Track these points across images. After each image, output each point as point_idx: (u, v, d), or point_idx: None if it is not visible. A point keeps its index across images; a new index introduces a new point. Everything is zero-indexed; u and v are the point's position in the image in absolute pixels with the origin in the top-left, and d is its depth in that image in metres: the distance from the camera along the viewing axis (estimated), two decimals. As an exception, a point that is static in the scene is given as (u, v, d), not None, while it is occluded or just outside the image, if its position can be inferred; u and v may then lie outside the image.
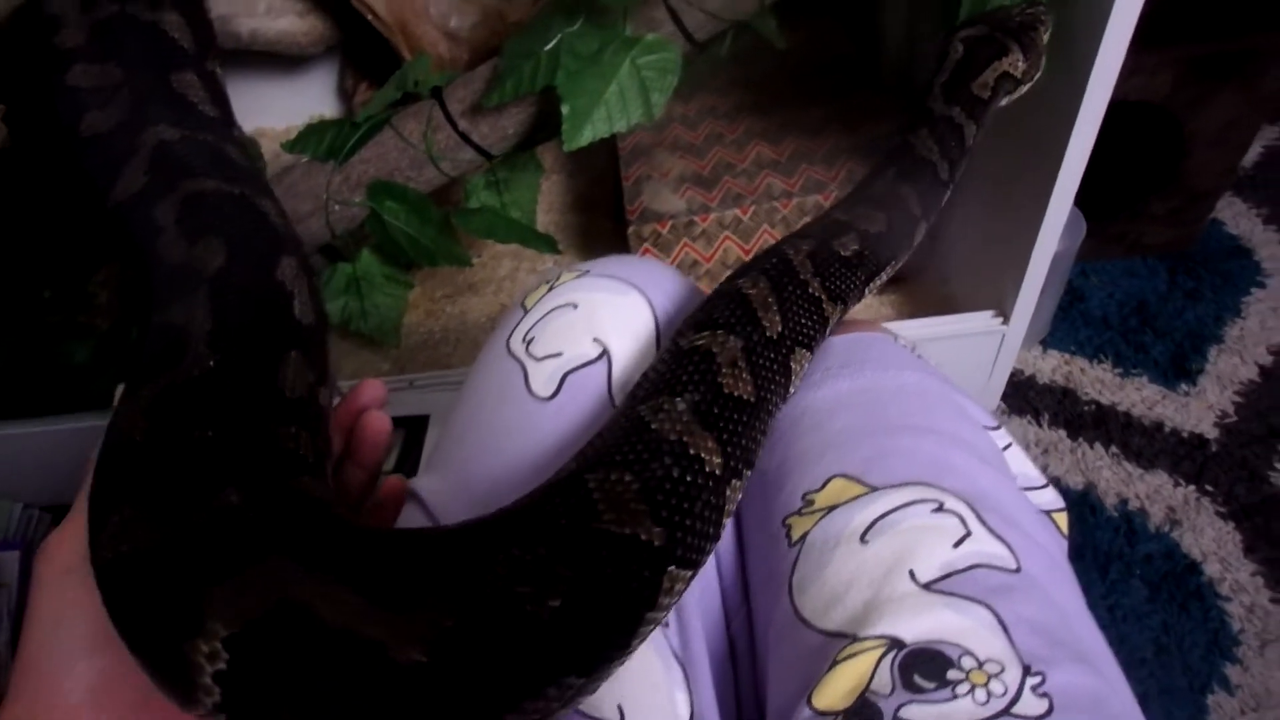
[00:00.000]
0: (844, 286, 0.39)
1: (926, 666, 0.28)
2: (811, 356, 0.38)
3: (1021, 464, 0.40)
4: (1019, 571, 0.31)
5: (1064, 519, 0.40)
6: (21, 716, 0.26)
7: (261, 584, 0.24)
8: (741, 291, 0.36)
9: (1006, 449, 0.39)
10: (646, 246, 0.84)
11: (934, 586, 0.30)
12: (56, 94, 0.47)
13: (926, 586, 0.30)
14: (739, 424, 0.32)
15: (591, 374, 0.39)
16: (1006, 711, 0.27)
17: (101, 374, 0.84)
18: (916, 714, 0.27)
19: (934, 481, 0.33)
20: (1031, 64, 0.52)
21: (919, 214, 0.43)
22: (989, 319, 0.80)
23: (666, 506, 0.28)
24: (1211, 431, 0.93)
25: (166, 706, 0.25)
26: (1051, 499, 0.40)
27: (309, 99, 1.13)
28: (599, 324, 0.40)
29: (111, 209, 0.43)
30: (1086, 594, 0.87)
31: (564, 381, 0.39)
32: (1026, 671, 0.28)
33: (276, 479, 0.30)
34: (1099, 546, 0.86)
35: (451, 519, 0.31)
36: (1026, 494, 0.39)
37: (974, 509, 0.33)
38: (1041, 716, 0.27)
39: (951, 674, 0.28)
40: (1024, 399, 0.97)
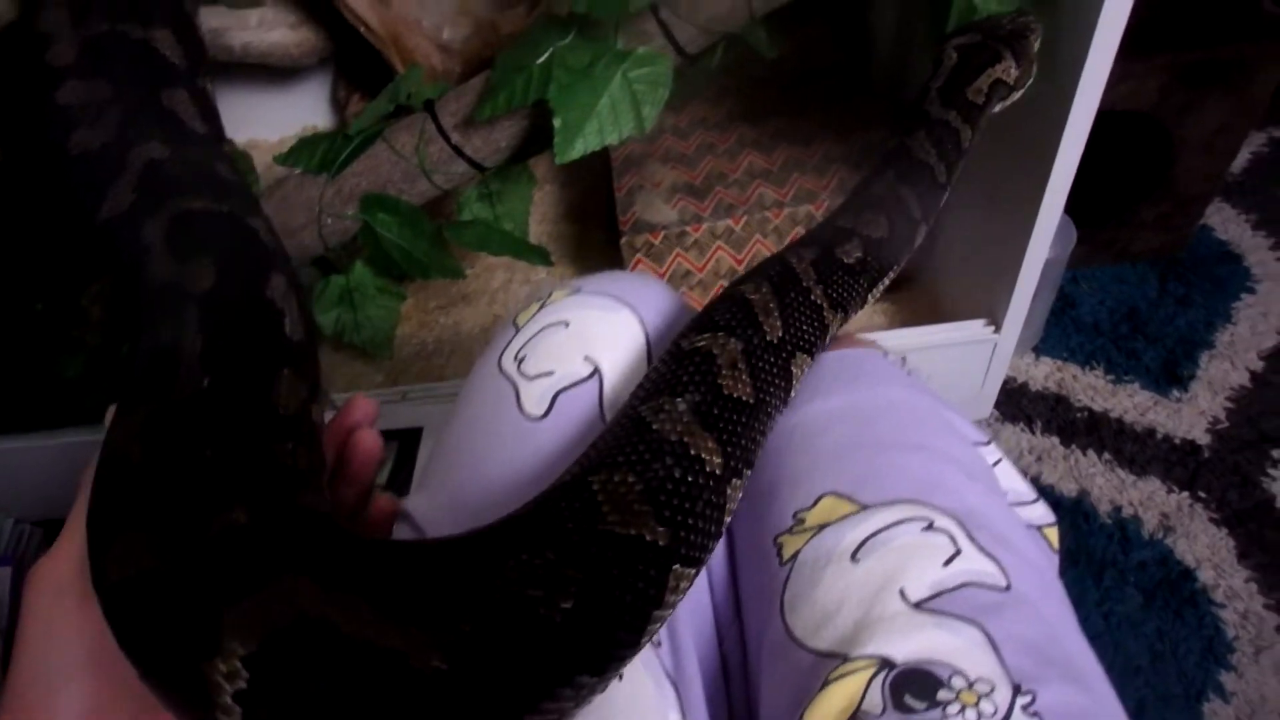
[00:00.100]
0: (846, 294, 0.39)
1: (917, 686, 0.28)
2: (812, 361, 0.39)
3: (1011, 479, 0.40)
4: (1009, 589, 0.31)
5: (1054, 534, 0.40)
6: None
7: (277, 601, 0.24)
8: (744, 296, 0.36)
9: (996, 464, 0.40)
10: (639, 257, 0.84)
11: (924, 606, 0.30)
12: (46, 111, 0.47)
13: (917, 606, 0.30)
14: (738, 425, 0.32)
15: (583, 393, 0.40)
16: None
17: (93, 388, 0.83)
18: None
19: (924, 499, 0.33)
20: (1023, 71, 0.53)
21: (919, 217, 0.44)
22: (981, 327, 0.80)
23: (669, 506, 0.29)
24: (1204, 438, 0.93)
25: None
26: (1042, 514, 0.40)
27: (302, 110, 1.13)
28: (590, 342, 0.40)
29: (99, 227, 0.43)
30: (1081, 601, 0.88)
31: (555, 401, 0.39)
32: (1016, 691, 0.28)
33: (281, 496, 0.30)
34: (1093, 554, 0.86)
35: None
36: (1017, 509, 0.39)
37: (964, 526, 0.33)
38: None
39: (942, 694, 0.28)
40: (1017, 406, 0.97)
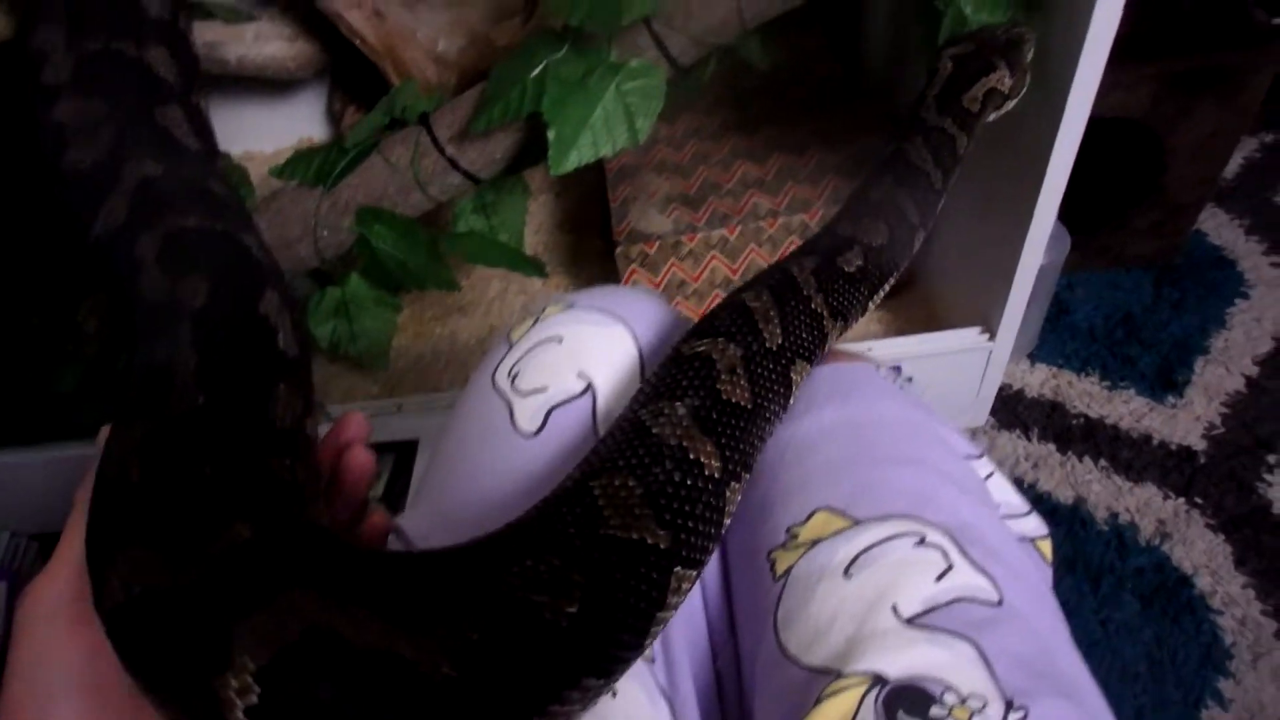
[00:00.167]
0: (847, 303, 0.40)
1: (910, 703, 0.28)
2: (811, 369, 0.39)
3: (1004, 492, 0.40)
4: (1001, 604, 0.31)
5: (1048, 546, 0.40)
6: None
7: (285, 615, 0.25)
8: (745, 303, 0.37)
9: (989, 478, 0.40)
10: (634, 267, 0.85)
11: (916, 621, 0.30)
12: (41, 129, 0.48)
13: (909, 621, 0.30)
14: (736, 429, 0.33)
15: (576, 409, 0.40)
16: None
17: (89, 402, 0.83)
18: None
19: (916, 514, 0.34)
20: (1017, 81, 0.54)
21: (916, 223, 0.44)
22: (976, 335, 0.80)
23: (670, 510, 0.29)
24: (1199, 443, 0.93)
25: None
26: (1035, 526, 0.40)
27: (298, 122, 1.14)
28: (583, 358, 0.41)
29: (93, 244, 0.43)
30: (1078, 608, 0.88)
31: (549, 417, 0.39)
32: (1009, 706, 0.28)
33: (282, 511, 0.31)
34: (1090, 560, 0.86)
35: None
36: (1010, 522, 0.39)
37: (956, 541, 0.33)
38: None
39: (934, 710, 0.28)
40: (1013, 413, 0.97)
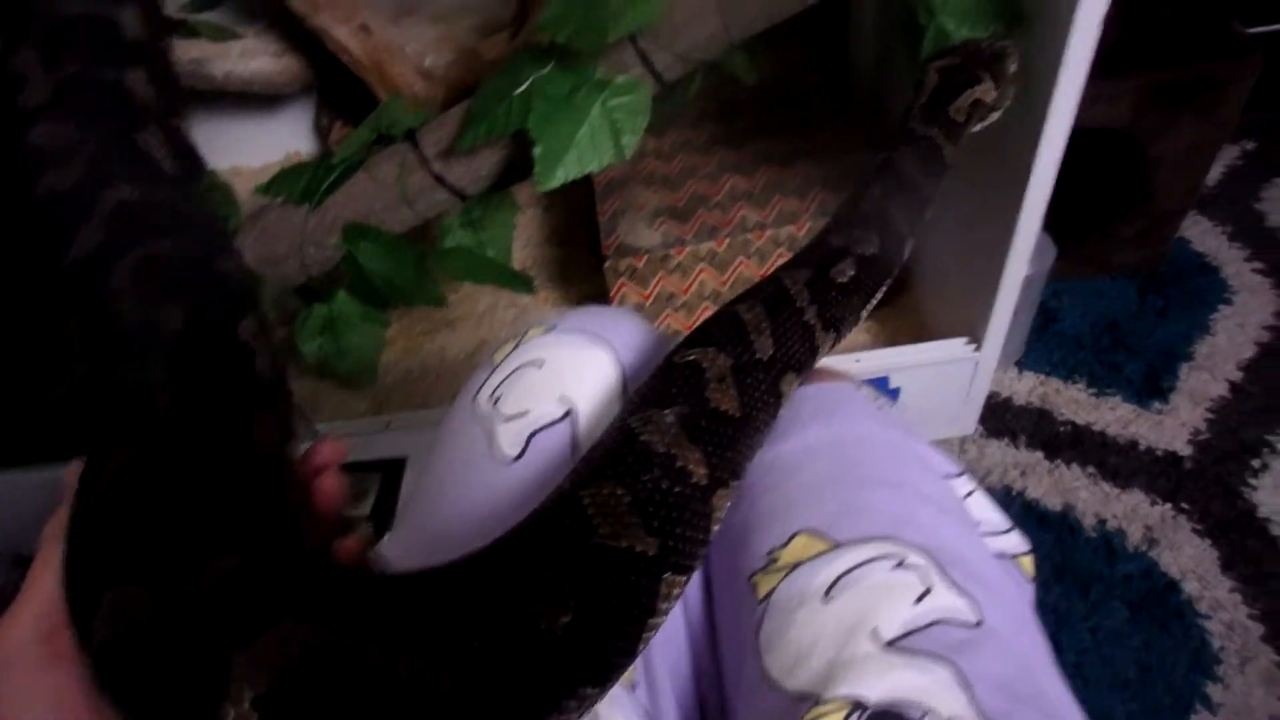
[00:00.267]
0: (840, 314, 0.40)
1: None
2: (800, 381, 0.39)
3: (985, 510, 0.40)
4: (980, 625, 0.31)
5: (1030, 562, 0.40)
6: None
7: (282, 641, 0.25)
8: (737, 315, 0.37)
9: (969, 496, 0.40)
10: (623, 281, 0.85)
11: (896, 645, 0.30)
12: (17, 152, 0.47)
13: (888, 645, 0.30)
14: (724, 437, 0.33)
15: (556, 433, 0.40)
16: None
17: (77, 420, 0.83)
18: None
19: (896, 535, 0.34)
20: (1002, 92, 0.54)
21: (906, 231, 0.45)
22: (962, 346, 0.81)
23: (658, 517, 0.29)
24: (1185, 449, 0.94)
25: None
26: (1016, 543, 0.40)
27: (285, 137, 1.13)
28: (564, 381, 0.41)
29: (66, 270, 0.42)
30: (1068, 616, 0.88)
31: (530, 442, 0.39)
32: None
33: (268, 537, 0.31)
34: (1079, 568, 0.87)
35: None
36: (991, 539, 0.39)
37: (935, 563, 0.33)
38: None
39: None
40: (1001, 421, 0.98)
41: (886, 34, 0.93)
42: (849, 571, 0.33)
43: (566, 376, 0.41)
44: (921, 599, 0.32)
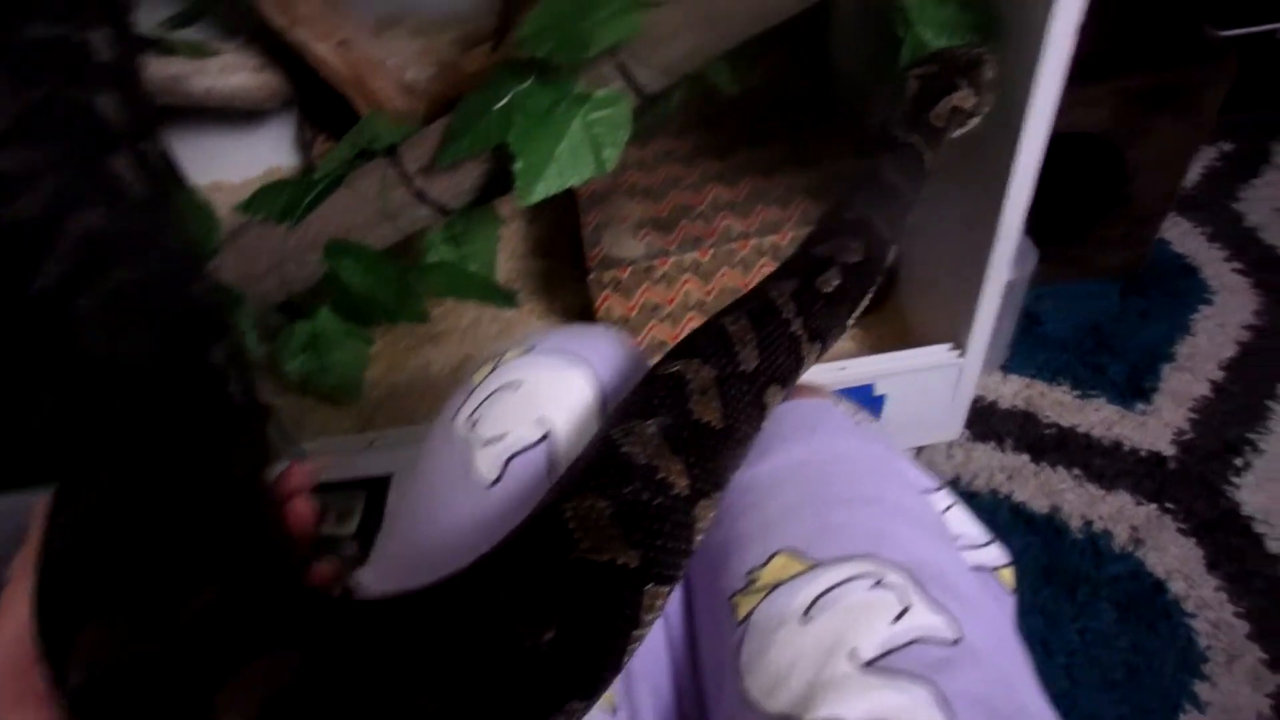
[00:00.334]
0: (826, 324, 0.40)
1: None
2: (784, 393, 0.39)
3: (964, 524, 0.40)
4: (959, 643, 0.31)
5: (1010, 574, 0.40)
6: None
7: (268, 671, 0.25)
8: (723, 327, 0.37)
9: (949, 510, 0.40)
10: (607, 293, 0.85)
11: (875, 665, 0.30)
12: None
13: (867, 665, 0.30)
14: (706, 448, 0.33)
15: (534, 456, 0.40)
16: None
17: (47, 451, 0.82)
18: None
19: (874, 554, 0.34)
20: (981, 99, 0.55)
21: (889, 237, 0.45)
22: (946, 352, 0.81)
23: (639, 529, 0.29)
24: (1169, 449, 0.95)
25: None
26: (996, 555, 0.41)
27: (267, 151, 1.13)
28: (542, 403, 0.41)
29: (33, 298, 0.42)
30: (1057, 619, 0.88)
31: (508, 466, 0.39)
32: None
33: (248, 566, 0.30)
34: (1066, 569, 0.87)
35: None
36: (971, 552, 0.40)
37: (913, 580, 0.33)
38: None
39: None
40: (987, 425, 0.98)
41: (868, 43, 0.93)
42: (827, 591, 0.33)
43: (544, 398, 0.41)
44: (900, 618, 0.32)
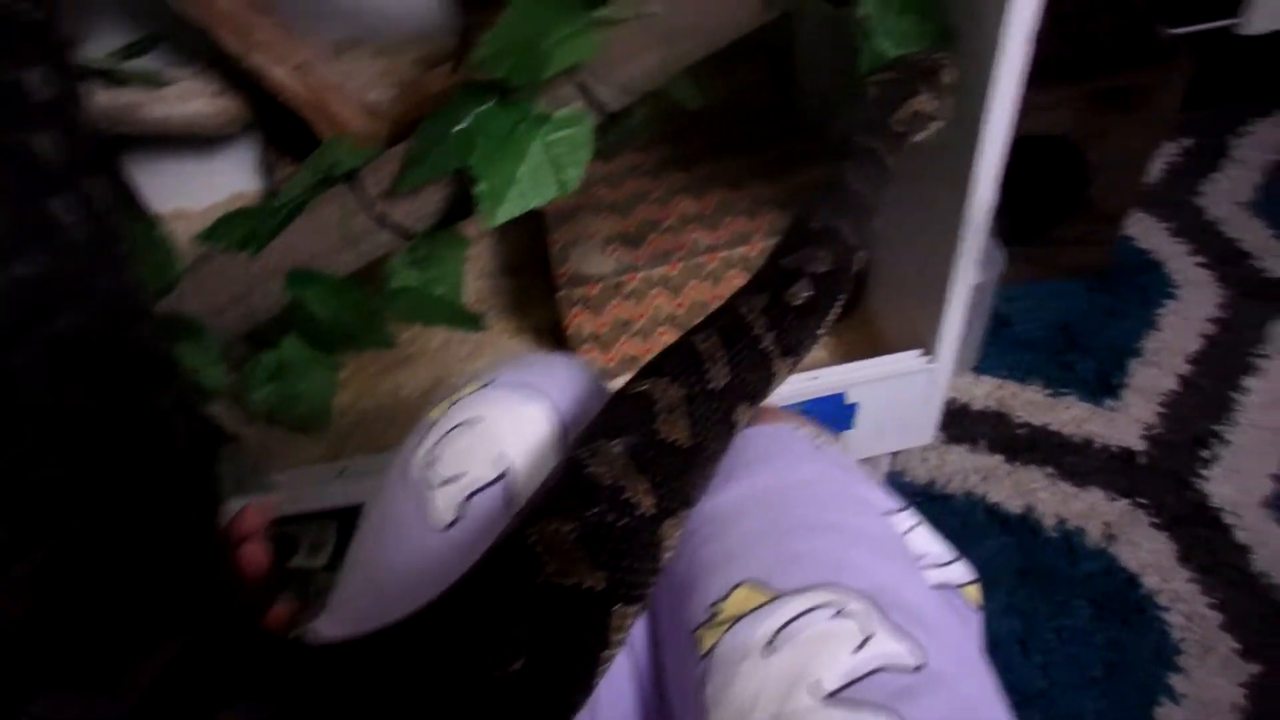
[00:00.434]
0: (798, 338, 0.40)
1: None
2: (754, 410, 0.39)
3: (928, 543, 0.41)
4: (922, 670, 0.31)
5: (976, 591, 0.40)
6: None
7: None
8: (693, 345, 0.37)
9: (912, 530, 0.40)
10: (578, 310, 0.85)
11: (838, 696, 0.30)
12: None
13: (829, 697, 0.30)
14: (673, 467, 0.33)
15: (491, 495, 0.39)
16: None
17: None
18: None
19: (835, 582, 0.34)
20: (941, 103, 0.56)
21: (855, 244, 0.45)
22: (916, 358, 0.82)
23: (604, 550, 0.29)
24: (1139, 444, 0.96)
25: None
26: (962, 572, 0.41)
27: (230, 177, 1.11)
28: (500, 441, 0.40)
29: None
30: (1033, 618, 0.89)
31: (464, 506, 0.39)
32: None
33: (206, 618, 0.30)
34: (1042, 569, 0.88)
35: None
36: (935, 571, 0.40)
37: (875, 607, 0.33)
38: None
39: None
40: (960, 427, 0.99)
41: (830, 55, 0.94)
42: (789, 623, 0.33)
43: (501, 435, 0.40)
44: (862, 647, 0.32)
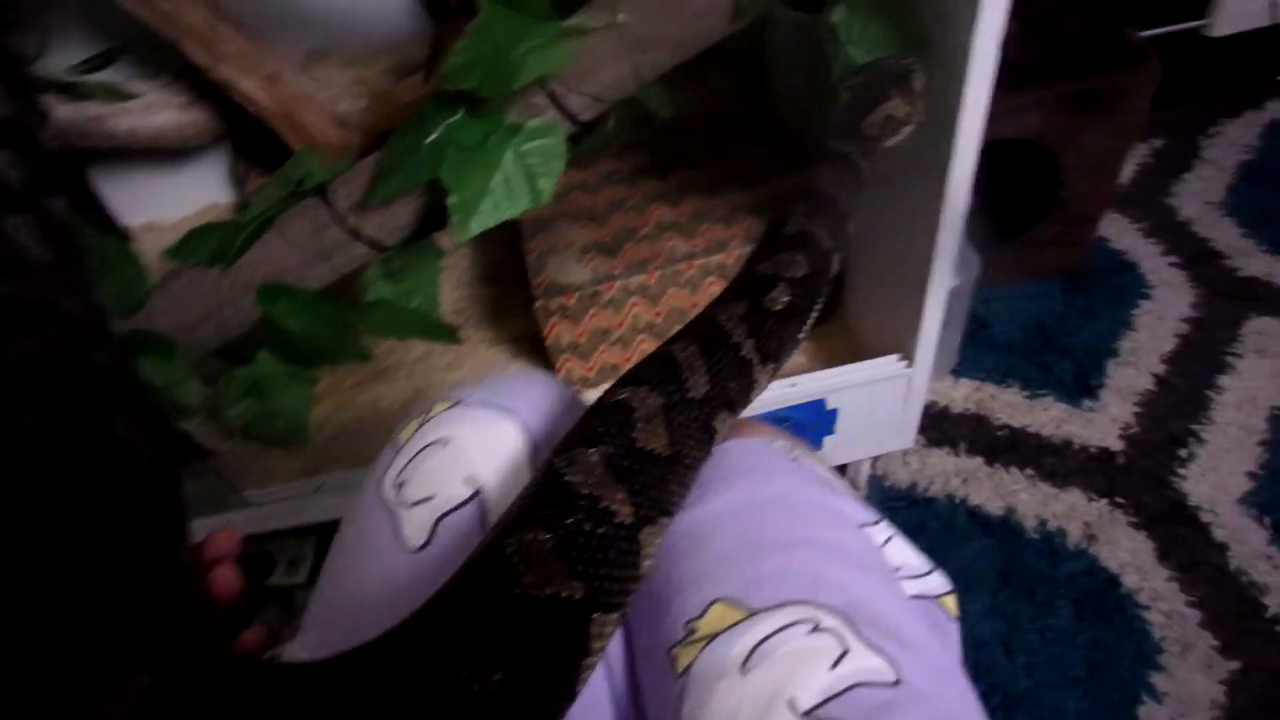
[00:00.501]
0: (778, 344, 0.40)
1: None
2: (735, 417, 0.39)
3: (904, 554, 0.40)
4: (900, 684, 0.31)
5: (953, 601, 0.40)
6: None
7: None
8: (671, 355, 0.37)
9: (888, 542, 0.40)
10: (555, 320, 0.84)
11: (814, 713, 0.30)
12: None
13: (806, 715, 0.30)
14: (650, 476, 0.33)
15: (464, 515, 0.39)
16: None
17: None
18: None
19: (810, 599, 0.34)
20: (912, 108, 0.57)
21: (831, 247, 0.45)
22: (894, 363, 0.82)
23: (582, 560, 0.29)
24: (1117, 444, 0.97)
25: None
26: (939, 583, 0.41)
27: (201, 189, 1.10)
28: (471, 461, 0.40)
29: None
30: (1016, 620, 0.89)
31: (436, 528, 0.38)
32: None
33: (175, 649, 0.29)
34: (1024, 570, 0.88)
35: None
36: (912, 582, 0.40)
37: (850, 623, 0.33)
38: None
39: None
40: (940, 430, 0.99)
41: (802, 62, 0.94)
42: (765, 640, 0.32)
43: (473, 455, 0.40)
44: (838, 662, 0.32)
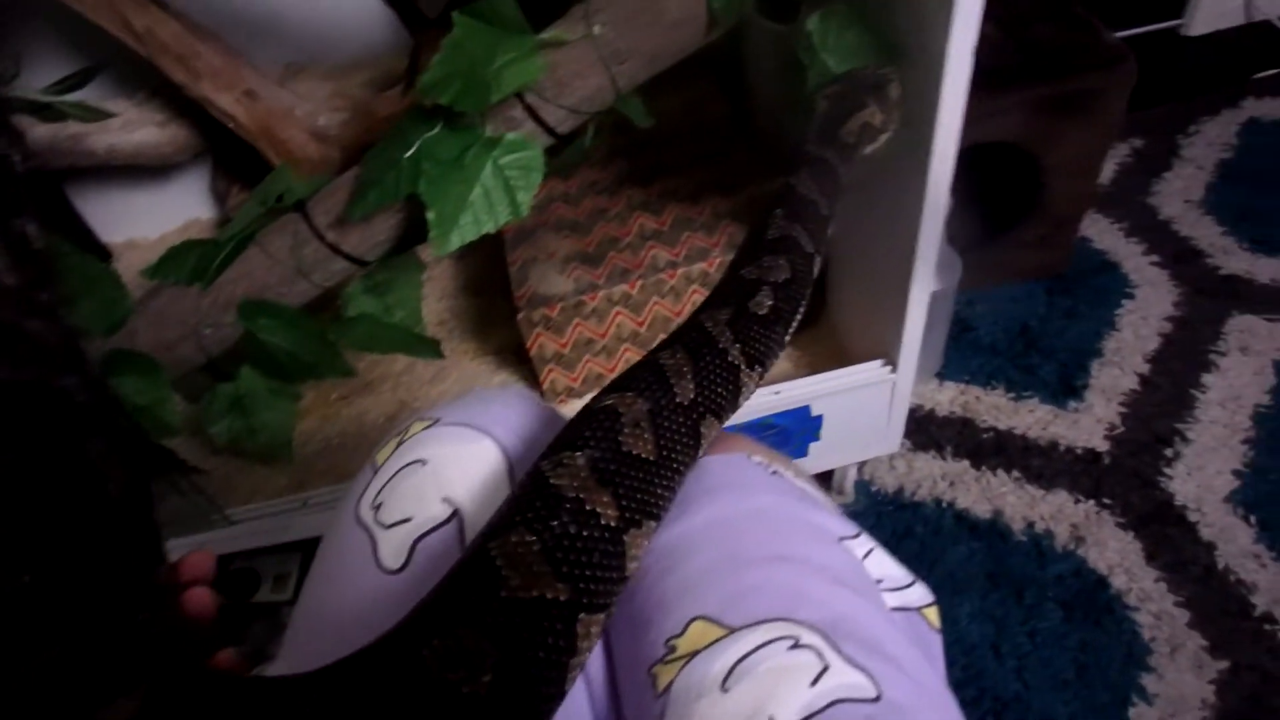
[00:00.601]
0: (764, 348, 0.41)
1: None
2: (721, 425, 0.39)
3: (885, 566, 0.40)
4: (881, 700, 0.31)
5: (934, 613, 0.40)
6: None
7: None
8: (658, 361, 0.38)
9: (869, 555, 0.40)
10: (539, 331, 0.84)
11: None
12: None
13: None
14: (636, 480, 0.33)
15: (442, 537, 0.39)
16: None
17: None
18: None
19: (790, 615, 0.33)
20: (888, 115, 0.58)
21: (812, 250, 0.46)
22: (878, 369, 0.82)
23: (567, 562, 0.30)
24: (1103, 445, 0.97)
25: None
26: (920, 595, 0.41)
27: (183, 205, 1.09)
28: (449, 481, 0.40)
29: None
30: (1005, 623, 0.89)
31: (414, 549, 0.38)
32: None
33: (157, 670, 0.29)
34: (1012, 573, 0.88)
35: None
36: (894, 594, 0.39)
37: (830, 639, 0.33)
38: None
39: None
40: (926, 434, 0.99)
41: (779, 71, 0.94)
42: (745, 657, 0.32)
43: (451, 475, 0.40)
44: (818, 679, 0.31)
